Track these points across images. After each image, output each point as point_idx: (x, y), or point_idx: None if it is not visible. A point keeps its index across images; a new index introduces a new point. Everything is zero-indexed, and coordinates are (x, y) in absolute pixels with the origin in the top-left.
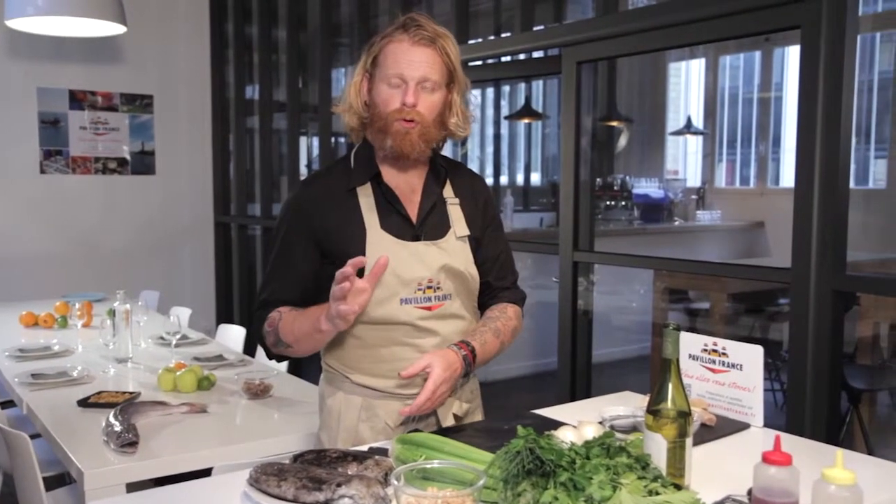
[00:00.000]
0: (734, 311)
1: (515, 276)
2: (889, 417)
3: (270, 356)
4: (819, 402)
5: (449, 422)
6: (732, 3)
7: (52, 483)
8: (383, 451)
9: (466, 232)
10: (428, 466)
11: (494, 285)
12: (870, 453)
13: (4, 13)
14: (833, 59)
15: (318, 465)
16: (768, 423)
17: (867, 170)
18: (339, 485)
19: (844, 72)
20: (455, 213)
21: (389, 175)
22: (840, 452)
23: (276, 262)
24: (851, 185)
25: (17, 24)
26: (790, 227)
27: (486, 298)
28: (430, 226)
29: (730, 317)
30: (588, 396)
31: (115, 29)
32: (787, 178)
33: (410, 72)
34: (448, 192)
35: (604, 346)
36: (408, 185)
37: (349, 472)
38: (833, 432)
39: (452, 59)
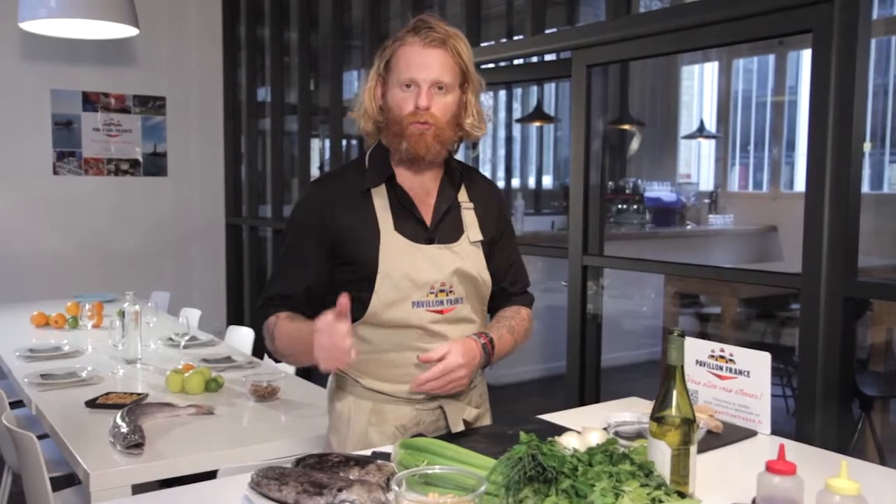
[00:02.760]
0: (746, 315)
1: (527, 282)
2: None
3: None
4: (829, 409)
5: (459, 428)
6: (743, 6)
7: (63, 483)
8: (387, 456)
9: (480, 237)
10: (429, 472)
11: (509, 291)
12: (882, 462)
13: (18, 15)
14: (845, 63)
15: (320, 469)
16: (780, 430)
17: (882, 174)
18: (340, 489)
19: (857, 76)
20: (469, 217)
21: (404, 177)
22: (845, 462)
23: (284, 261)
24: (866, 189)
25: (31, 26)
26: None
27: (499, 302)
28: (443, 229)
29: (741, 322)
30: (597, 401)
31: (127, 31)
32: (801, 182)
33: (422, 74)
34: (463, 196)
35: (614, 350)
36: (423, 188)
37: (351, 477)
38: (844, 440)
39: (465, 58)
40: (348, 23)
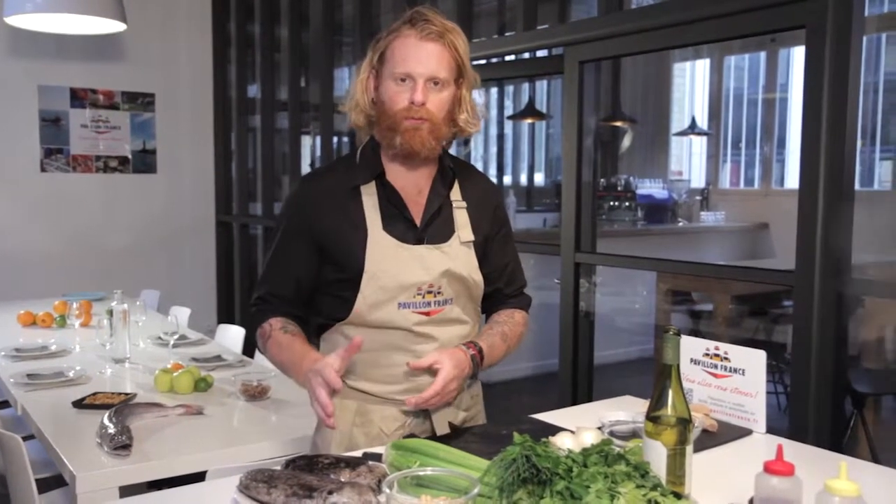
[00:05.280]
0: (738, 313)
1: (524, 283)
2: (894, 422)
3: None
4: (822, 406)
5: (444, 430)
6: (737, 2)
7: (52, 483)
8: (378, 457)
9: (471, 237)
10: (422, 473)
11: (505, 292)
12: (874, 459)
13: (3, 10)
14: (838, 60)
15: (310, 471)
16: (771, 427)
17: (872, 171)
18: (330, 492)
19: (850, 72)
20: (461, 217)
21: (395, 175)
22: (844, 463)
23: (274, 259)
24: (856, 186)
25: (17, 21)
26: (794, 229)
27: (494, 304)
28: (433, 229)
29: (733, 319)
30: (589, 399)
31: (114, 27)
32: (792, 179)
33: (418, 69)
34: (455, 194)
35: (606, 347)
36: (414, 186)
37: (341, 479)
38: (837, 437)
39: (461, 53)
40: (339, 19)
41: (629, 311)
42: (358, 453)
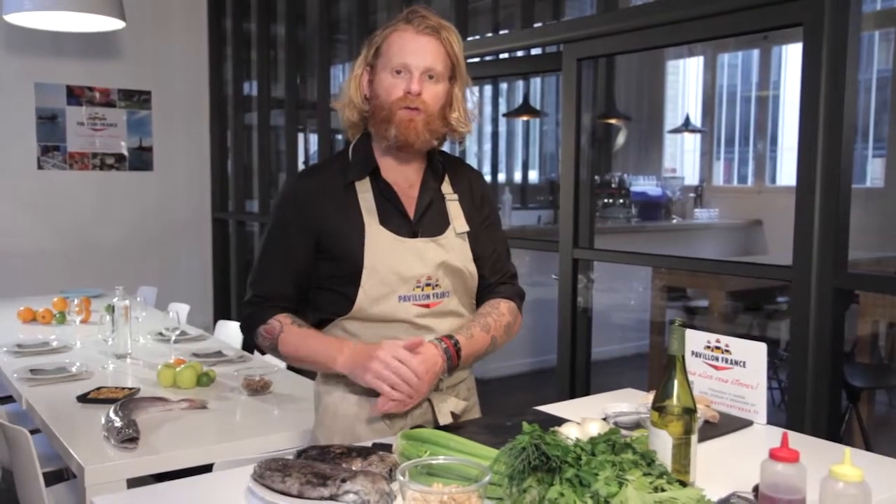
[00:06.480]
0: (732, 309)
1: (511, 272)
2: (887, 416)
3: (254, 346)
4: (820, 399)
5: (446, 420)
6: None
7: (50, 479)
8: (387, 447)
9: (466, 228)
10: (433, 462)
11: (488, 280)
12: (868, 450)
13: (2, 7)
14: (835, 57)
15: (322, 460)
16: (766, 421)
17: (864, 168)
18: (343, 480)
19: (847, 69)
20: (454, 209)
21: (388, 170)
22: (848, 450)
23: (270, 254)
24: None
25: (15, 18)
26: (788, 226)
27: (481, 293)
28: (428, 222)
29: (728, 315)
30: (587, 394)
31: (113, 24)
32: (785, 176)
33: (415, 61)
34: (447, 188)
35: (602, 343)
36: (406, 181)
37: (353, 468)
38: (833, 430)
39: (456, 51)
40: (336, 16)
41: (625, 308)
42: (367, 444)
